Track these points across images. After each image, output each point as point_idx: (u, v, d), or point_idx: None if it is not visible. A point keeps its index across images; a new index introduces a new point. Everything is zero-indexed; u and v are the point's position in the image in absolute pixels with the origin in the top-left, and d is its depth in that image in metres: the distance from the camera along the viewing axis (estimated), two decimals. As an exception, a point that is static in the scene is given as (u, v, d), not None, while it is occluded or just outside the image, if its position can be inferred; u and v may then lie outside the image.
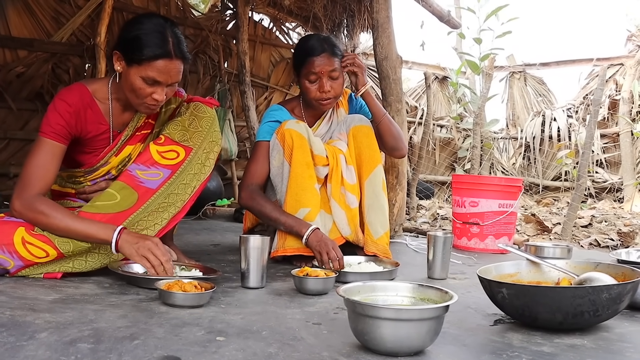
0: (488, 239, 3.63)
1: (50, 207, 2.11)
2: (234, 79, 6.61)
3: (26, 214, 2.11)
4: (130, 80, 2.19)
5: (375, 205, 2.85)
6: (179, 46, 2.21)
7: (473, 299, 2.16)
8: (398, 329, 1.40)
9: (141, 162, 2.34)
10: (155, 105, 2.26)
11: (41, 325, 1.53)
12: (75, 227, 2.09)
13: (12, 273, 2.09)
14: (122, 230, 2.10)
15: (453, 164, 9.11)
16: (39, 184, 2.14)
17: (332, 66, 2.80)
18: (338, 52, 2.86)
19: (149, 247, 2.08)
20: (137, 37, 2.17)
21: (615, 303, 1.68)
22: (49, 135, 2.18)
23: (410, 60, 8.98)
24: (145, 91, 2.20)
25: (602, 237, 4.47)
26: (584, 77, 9.14)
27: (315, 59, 2.80)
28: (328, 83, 2.81)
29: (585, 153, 4.67)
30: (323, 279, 2.14)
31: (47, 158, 2.17)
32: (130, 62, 2.18)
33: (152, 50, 2.15)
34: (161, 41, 2.17)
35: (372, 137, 2.90)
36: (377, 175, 2.87)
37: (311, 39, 2.93)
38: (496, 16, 6.55)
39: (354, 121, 2.92)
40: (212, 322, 1.67)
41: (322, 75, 2.80)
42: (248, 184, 2.81)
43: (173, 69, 2.20)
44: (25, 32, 5.63)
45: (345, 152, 2.86)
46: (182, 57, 2.23)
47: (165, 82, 2.20)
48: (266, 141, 2.85)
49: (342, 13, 6.42)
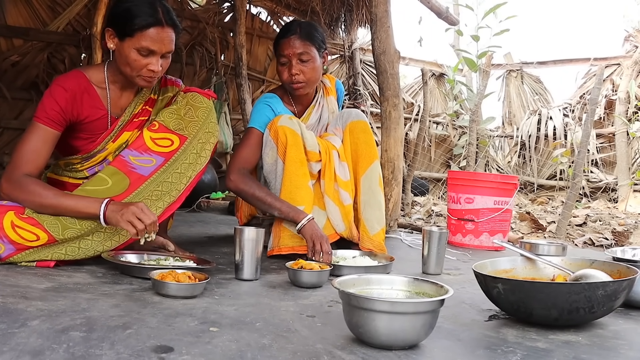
0: (483, 235, 3.63)
1: (39, 186, 2.12)
2: (231, 72, 6.60)
3: (15, 193, 2.11)
4: (125, 53, 2.21)
5: (371, 201, 2.83)
6: (168, 14, 2.25)
7: (468, 295, 2.15)
8: (393, 322, 1.39)
9: (134, 147, 2.34)
10: (152, 76, 2.27)
11: (33, 313, 1.51)
12: (64, 204, 2.09)
13: (4, 258, 2.08)
14: (109, 202, 2.10)
15: (448, 161, 9.11)
16: (28, 166, 2.15)
17: (300, 49, 2.76)
18: (313, 37, 2.80)
19: (133, 211, 2.07)
20: (127, 10, 2.20)
21: (610, 300, 1.68)
22: (42, 121, 2.18)
23: (407, 56, 8.97)
24: (141, 62, 2.22)
25: (596, 236, 4.48)
26: (580, 77, 9.14)
27: (283, 41, 2.79)
28: (297, 66, 2.77)
29: (581, 152, 4.68)
30: (317, 272, 2.13)
31: (38, 143, 2.17)
32: (122, 35, 2.21)
33: (143, 19, 2.18)
34: (151, 10, 2.20)
35: (369, 132, 2.88)
36: (374, 171, 2.85)
37: (289, 23, 2.91)
38: (494, 14, 6.56)
39: (350, 116, 2.90)
40: (205, 313, 1.66)
41: (290, 57, 2.77)
42: (238, 167, 2.75)
43: (166, 37, 2.23)
44: (21, 20, 5.60)
45: (338, 147, 2.85)
46: (173, 24, 2.26)
47: (159, 51, 2.23)
48: (259, 131, 2.81)
49: (340, 7, 6.42)
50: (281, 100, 2.95)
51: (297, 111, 2.98)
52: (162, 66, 2.27)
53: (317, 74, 2.85)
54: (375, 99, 8.07)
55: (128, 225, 2.06)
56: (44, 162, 2.21)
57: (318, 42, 2.82)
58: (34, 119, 2.20)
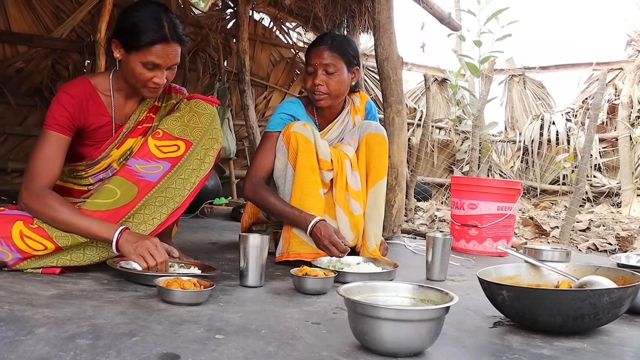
0: (486, 241, 3.63)
1: (57, 201, 2.13)
2: (234, 78, 6.61)
3: (34, 206, 2.13)
4: (131, 66, 2.23)
5: (374, 216, 2.84)
6: (175, 29, 2.26)
7: (472, 301, 2.15)
8: (398, 330, 1.40)
9: (140, 156, 2.35)
10: (157, 88, 2.29)
11: (40, 321, 1.52)
12: (79, 223, 2.10)
13: (10, 266, 2.09)
14: (124, 230, 2.11)
15: (451, 166, 9.11)
16: (45, 176, 2.18)
17: (327, 60, 2.78)
18: (344, 51, 2.82)
19: (147, 246, 2.08)
20: (134, 25, 2.22)
21: (615, 307, 1.68)
22: (53, 128, 2.21)
23: (409, 61, 8.98)
24: (146, 76, 2.24)
25: (600, 241, 4.48)
26: (583, 81, 9.15)
27: (313, 50, 2.83)
28: (322, 77, 2.78)
29: (584, 157, 4.68)
30: (322, 279, 2.13)
31: (52, 150, 2.20)
32: (129, 49, 2.23)
33: (149, 36, 2.20)
34: (157, 26, 2.22)
35: (384, 147, 2.88)
36: (382, 186, 2.86)
37: (324, 33, 2.94)
38: (496, 19, 6.58)
39: (369, 128, 2.88)
40: (211, 320, 1.66)
41: (317, 67, 2.79)
42: (252, 176, 2.79)
43: (171, 52, 2.25)
44: (26, 27, 5.62)
45: (351, 157, 2.84)
46: (179, 39, 2.28)
47: (164, 65, 2.25)
48: (276, 132, 2.83)
49: (343, 13, 6.42)
50: (304, 107, 2.96)
51: (318, 123, 2.98)
52: (168, 77, 2.30)
53: (342, 88, 2.85)
54: (378, 105, 8.08)
55: (139, 259, 2.08)
56: (59, 170, 2.24)
57: (348, 56, 2.83)
58: (44, 127, 2.22)
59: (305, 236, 2.65)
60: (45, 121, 2.23)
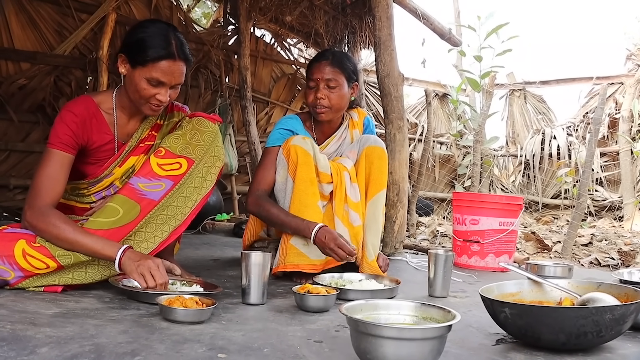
0: (488, 257, 3.63)
1: (60, 220, 2.13)
2: (235, 94, 6.63)
3: (37, 224, 2.12)
4: (135, 81, 2.24)
5: (372, 227, 2.86)
6: (181, 48, 2.28)
7: (475, 318, 2.15)
8: (401, 348, 1.39)
9: (142, 174, 2.35)
10: (159, 106, 2.30)
11: (42, 340, 1.52)
12: (82, 242, 2.10)
13: (12, 284, 2.09)
14: (127, 249, 2.12)
15: (452, 181, 9.11)
16: (49, 194, 2.17)
17: (329, 75, 2.83)
18: (344, 66, 2.88)
19: (149, 266, 2.08)
20: (141, 40, 2.24)
21: (618, 324, 1.68)
22: (57, 146, 2.21)
23: (410, 77, 9.01)
24: (150, 92, 2.25)
25: (602, 256, 4.47)
26: (583, 96, 9.17)
27: (315, 65, 2.88)
28: (324, 91, 2.83)
29: (586, 171, 4.68)
30: (324, 297, 2.13)
31: (56, 168, 2.20)
32: (134, 64, 2.24)
33: (156, 51, 2.21)
34: (165, 43, 2.24)
35: (384, 159, 2.91)
36: (380, 198, 2.89)
37: (325, 50, 3.00)
38: (497, 34, 6.58)
39: (369, 141, 2.93)
40: (213, 339, 1.66)
41: (319, 82, 2.83)
42: (254, 190, 2.82)
43: (176, 69, 2.26)
44: (29, 44, 5.64)
45: (350, 169, 2.87)
46: (185, 58, 2.30)
47: (169, 83, 2.26)
48: (276, 146, 2.86)
49: (344, 30, 6.45)
50: (303, 123, 3.00)
51: (316, 138, 3.01)
52: (171, 96, 2.31)
53: (343, 102, 2.90)
54: (379, 120, 8.09)
55: (140, 278, 2.07)
56: (63, 189, 2.24)
57: (348, 71, 2.89)
58: (48, 146, 2.22)
59: (304, 247, 2.66)
60: (49, 140, 2.23)
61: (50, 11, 5.72)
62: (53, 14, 5.72)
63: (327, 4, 6.16)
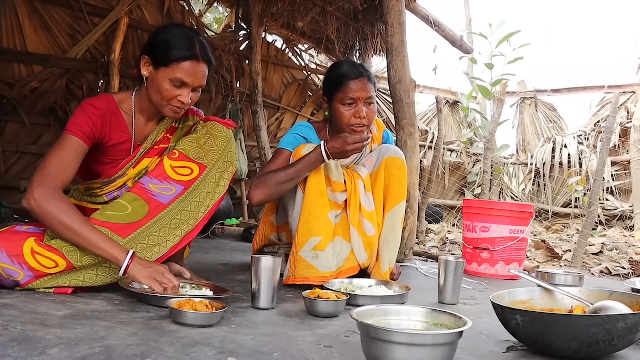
0: (498, 264, 3.61)
1: (70, 207, 2.10)
2: (246, 99, 6.65)
3: (46, 206, 2.06)
4: (158, 82, 2.27)
5: (390, 239, 2.83)
6: (204, 50, 2.32)
7: (485, 325, 2.14)
8: (411, 354, 1.39)
9: (154, 175, 2.35)
10: (180, 108, 2.32)
11: (52, 341, 1.52)
12: (89, 236, 2.07)
13: (22, 285, 2.09)
14: (134, 255, 2.12)
15: (462, 189, 9.09)
16: (60, 177, 2.13)
17: (369, 92, 2.77)
18: (373, 79, 2.84)
19: (161, 271, 2.12)
20: (165, 41, 2.27)
21: (631, 332, 1.66)
22: (74, 133, 2.20)
23: (421, 84, 9.01)
24: (172, 93, 2.27)
25: (613, 265, 4.44)
26: (595, 104, 9.14)
27: (353, 82, 2.76)
28: (364, 108, 2.76)
29: (597, 180, 4.65)
30: (334, 302, 2.12)
31: (70, 154, 2.18)
32: (158, 64, 2.27)
33: (180, 51, 2.25)
34: (188, 44, 2.28)
35: (403, 170, 2.86)
36: (399, 210, 2.85)
37: (344, 64, 2.88)
38: (508, 42, 6.58)
39: (389, 151, 2.88)
40: (223, 342, 1.66)
41: (359, 100, 2.75)
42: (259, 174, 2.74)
43: (200, 71, 2.30)
44: (41, 47, 5.69)
45: (364, 178, 2.84)
46: (208, 60, 2.34)
47: (191, 84, 2.29)
48: (288, 150, 2.80)
49: (355, 36, 6.47)
50: (317, 132, 2.95)
51: None
52: (192, 99, 2.33)
53: (375, 117, 2.88)
54: (390, 127, 8.09)
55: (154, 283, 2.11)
56: (72, 175, 2.21)
57: (374, 84, 2.85)
58: (65, 131, 2.20)
59: (313, 259, 2.63)
60: (66, 127, 2.21)
61: (63, 14, 5.77)
62: (66, 17, 5.77)
63: (339, 10, 6.18)
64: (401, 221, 2.87)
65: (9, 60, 5.58)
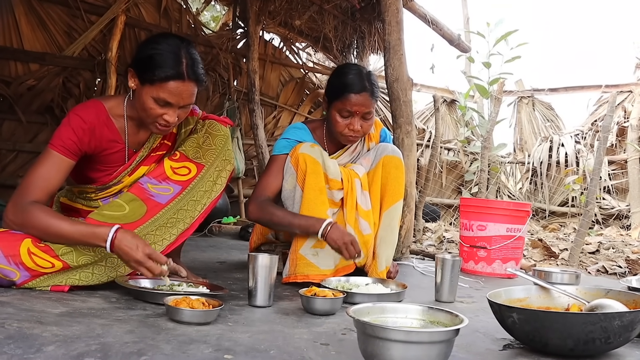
0: (495, 263, 3.62)
1: (42, 211, 2.07)
2: (243, 97, 6.65)
3: (15, 219, 2.07)
4: (143, 99, 2.18)
5: (387, 238, 2.83)
6: (192, 68, 2.19)
7: (481, 323, 2.14)
8: (408, 352, 1.39)
9: (153, 176, 2.34)
10: (167, 126, 2.24)
11: (48, 339, 1.51)
12: (68, 232, 2.04)
13: (19, 285, 2.08)
14: (119, 229, 2.05)
15: (459, 187, 9.09)
16: (37, 193, 2.10)
17: (368, 108, 2.73)
18: (377, 93, 2.78)
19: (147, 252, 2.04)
20: (150, 57, 2.16)
21: (627, 331, 1.67)
22: (57, 149, 2.16)
23: (419, 82, 9.00)
24: (157, 111, 2.18)
25: (609, 264, 4.44)
26: (592, 104, 9.14)
27: (353, 97, 2.70)
28: (359, 122, 2.73)
29: (594, 179, 4.66)
30: (331, 299, 2.12)
31: (51, 170, 2.14)
32: (143, 81, 2.17)
33: (164, 71, 2.13)
34: (174, 62, 2.15)
35: (401, 169, 2.86)
36: (397, 209, 2.85)
37: (352, 71, 2.79)
38: (506, 41, 6.59)
39: (386, 150, 2.88)
40: (219, 340, 1.66)
41: (356, 114, 2.72)
42: (257, 197, 2.75)
43: (185, 90, 2.18)
44: (38, 45, 5.68)
45: (361, 176, 2.83)
46: (196, 79, 2.21)
47: (176, 104, 2.18)
48: (282, 154, 2.79)
49: (353, 34, 6.47)
50: (312, 132, 2.92)
51: (327, 149, 2.93)
52: (179, 116, 2.24)
53: (372, 127, 2.85)
54: (387, 125, 8.08)
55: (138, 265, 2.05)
56: (55, 190, 2.18)
57: (377, 97, 2.80)
58: (49, 146, 2.17)
59: (313, 257, 2.64)
60: (51, 139, 2.17)
61: (59, 12, 5.76)
62: (63, 15, 5.76)
63: (337, 9, 6.18)
64: (398, 220, 2.88)
65: (5, 59, 5.56)
